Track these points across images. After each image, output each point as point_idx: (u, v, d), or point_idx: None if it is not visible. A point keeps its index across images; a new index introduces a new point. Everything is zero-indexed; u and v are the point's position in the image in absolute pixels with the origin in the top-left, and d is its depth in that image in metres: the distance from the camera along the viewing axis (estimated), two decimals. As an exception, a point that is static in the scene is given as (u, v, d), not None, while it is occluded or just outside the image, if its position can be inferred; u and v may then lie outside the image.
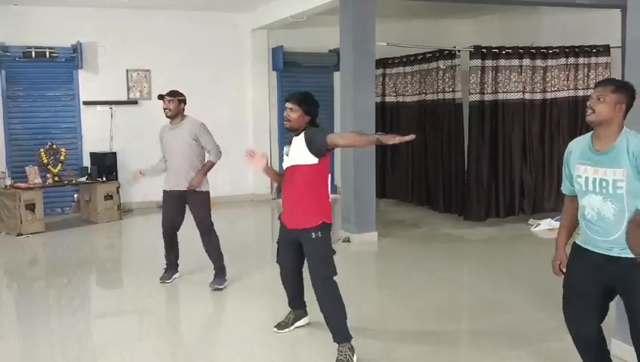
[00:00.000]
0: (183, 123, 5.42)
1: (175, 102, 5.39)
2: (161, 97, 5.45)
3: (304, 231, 3.84)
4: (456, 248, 7.25)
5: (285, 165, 3.92)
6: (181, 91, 5.49)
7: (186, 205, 5.48)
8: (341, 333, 3.82)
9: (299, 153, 3.80)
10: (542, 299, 4.98)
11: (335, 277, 3.88)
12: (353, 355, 3.78)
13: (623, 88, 2.88)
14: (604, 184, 2.86)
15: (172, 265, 5.71)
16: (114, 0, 8.84)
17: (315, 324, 4.37)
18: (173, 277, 5.70)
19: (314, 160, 3.75)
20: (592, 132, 3.02)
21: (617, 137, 2.85)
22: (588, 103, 2.92)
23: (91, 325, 4.87)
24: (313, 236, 3.81)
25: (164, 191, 5.52)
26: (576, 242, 3.10)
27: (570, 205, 3.15)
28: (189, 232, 5.67)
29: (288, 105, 3.83)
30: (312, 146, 3.72)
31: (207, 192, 5.46)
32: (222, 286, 5.38)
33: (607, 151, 2.87)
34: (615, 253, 2.89)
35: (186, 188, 5.34)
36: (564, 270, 3.13)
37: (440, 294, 5.35)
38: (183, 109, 5.46)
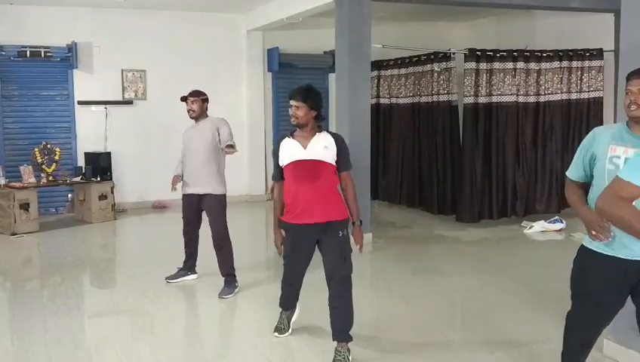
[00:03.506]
0: (205, 121, 5.30)
1: (199, 102, 5.26)
2: (184, 99, 5.30)
3: (330, 226, 3.79)
4: (449, 249, 7.28)
5: (298, 157, 3.80)
6: (203, 90, 5.37)
7: (202, 209, 5.35)
8: (345, 332, 3.83)
9: (325, 151, 3.77)
10: (535, 300, 5.02)
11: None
12: (349, 355, 3.80)
13: None
14: None
15: (186, 266, 5.64)
16: (109, 0, 8.84)
17: (311, 325, 4.38)
18: (182, 278, 5.63)
19: (333, 161, 3.81)
20: (621, 123, 2.97)
21: None
22: (631, 98, 2.82)
23: (86, 324, 4.88)
24: (340, 235, 3.79)
25: (183, 195, 5.42)
26: (591, 248, 2.94)
27: (575, 188, 3.07)
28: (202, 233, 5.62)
29: (293, 102, 3.80)
30: (341, 157, 3.82)
31: (224, 195, 5.30)
32: (229, 296, 5.21)
33: None
34: None
35: (201, 193, 5.23)
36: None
37: (434, 295, 5.37)
38: (207, 108, 5.34)
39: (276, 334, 4.31)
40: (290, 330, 4.33)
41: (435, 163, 8.61)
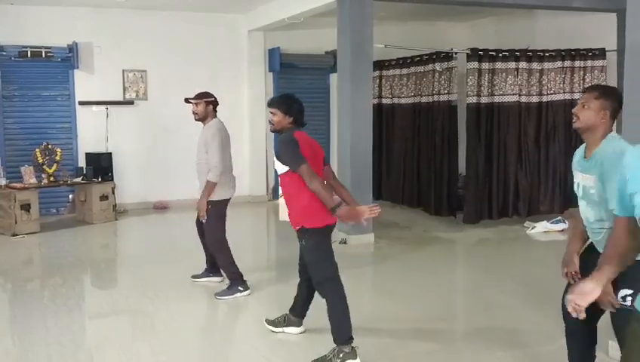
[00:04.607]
0: (205, 127, 5.20)
1: (202, 105, 5.18)
2: (187, 101, 5.26)
3: (298, 234, 3.93)
4: (452, 250, 7.27)
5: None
6: (210, 92, 5.29)
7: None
8: (337, 334, 3.82)
9: (277, 162, 3.88)
10: (538, 301, 4.99)
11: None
12: (340, 356, 3.75)
13: (607, 95, 2.90)
14: (585, 190, 2.93)
15: (209, 267, 5.57)
16: (110, 0, 8.82)
17: (314, 328, 4.36)
18: (207, 279, 5.57)
19: (285, 168, 3.81)
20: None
21: (600, 144, 2.89)
22: (573, 110, 2.96)
23: (87, 324, 4.87)
24: (302, 243, 3.89)
25: None
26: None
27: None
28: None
29: (269, 110, 3.99)
30: (280, 159, 3.83)
31: (218, 201, 5.11)
32: (226, 298, 5.14)
33: (591, 157, 2.91)
34: None
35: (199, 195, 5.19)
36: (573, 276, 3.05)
37: (436, 295, 5.36)
38: (213, 110, 5.23)
39: (265, 323, 4.36)
40: (278, 328, 4.33)
41: (433, 163, 8.59)
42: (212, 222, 5.16)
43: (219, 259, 5.29)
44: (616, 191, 2.21)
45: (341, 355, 3.76)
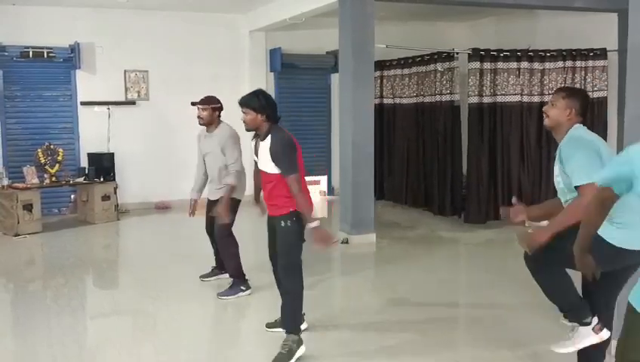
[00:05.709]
0: (216, 132, 5.20)
1: (208, 111, 5.19)
2: (194, 104, 5.27)
3: (276, 219, 3.95)
4: (454, 250, 7.27)
5: (259, 165, 4.00)
6: (216, 97, 5.30)
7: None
8: (290, 323, 3.91)
9: (266, 162, 3.86)
10: (540, 301, 4.98)
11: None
12: (298, 348, 3.79)
13: (572, 95, 3.16)
14: (556, 181, 3.18)
15: (219, 265, 5.58)
16: (112, 0, 8.83)
17: (315, 326, 4.37)
18: (216, 277, 5.59)
19: (275, 168, 3.83)
20: None
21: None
22: (543, 109, 3.22)
23: (89, 325, 4.88)
24: (282, 224, 3.91)
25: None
26: None
27: None
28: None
29: (242, 109, 3.95)
30: (277, 165, 3.81)
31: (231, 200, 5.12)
32: (227, 298, 5.17)
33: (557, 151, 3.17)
34: None
35: (213, 199, 5.23)
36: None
37: (439, 295, 5.37)
38: (218, 116, 5.26)
39: (266, 328, 4.37)
40: (278, 330, 4.28)
41: (435, 163, 8.59)
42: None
43: (223, 254, 5.29)
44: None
45: (298, 348, 3.81)
